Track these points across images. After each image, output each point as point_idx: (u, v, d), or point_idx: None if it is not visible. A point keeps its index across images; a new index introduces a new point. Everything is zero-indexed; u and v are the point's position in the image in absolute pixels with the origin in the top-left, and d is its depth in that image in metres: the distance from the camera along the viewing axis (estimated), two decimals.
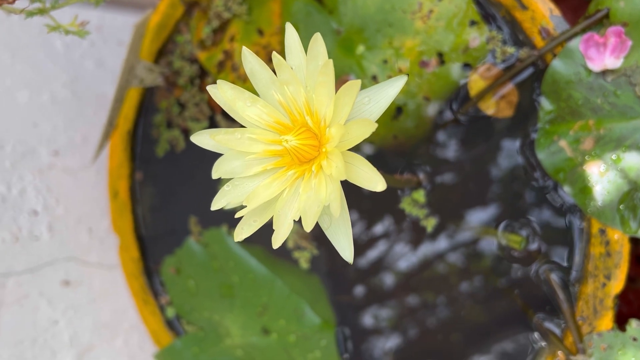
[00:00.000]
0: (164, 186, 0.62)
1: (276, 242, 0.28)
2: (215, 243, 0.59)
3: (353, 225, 0.52)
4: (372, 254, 0.53)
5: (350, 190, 0.53)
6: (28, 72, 0.61)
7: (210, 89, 0.30)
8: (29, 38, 0.62)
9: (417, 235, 0.50)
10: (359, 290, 0.54)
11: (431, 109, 0.49)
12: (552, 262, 0.46)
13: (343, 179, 0.26)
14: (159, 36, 0.59)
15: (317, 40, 0.27)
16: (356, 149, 0.51)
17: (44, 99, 0.62)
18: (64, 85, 0.64)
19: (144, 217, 0.64)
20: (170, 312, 0.62)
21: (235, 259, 0.58)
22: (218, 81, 0.29)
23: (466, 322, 0.50)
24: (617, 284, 0.43)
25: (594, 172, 0.42)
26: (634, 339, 0.42)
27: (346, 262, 0.54)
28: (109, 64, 0.70)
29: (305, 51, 0.28)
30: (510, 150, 0.47)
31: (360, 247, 0.53)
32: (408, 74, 0.27)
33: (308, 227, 0.27)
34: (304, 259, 0.55)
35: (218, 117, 0.58)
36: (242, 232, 0.29)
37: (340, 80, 0.51)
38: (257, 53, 0.55)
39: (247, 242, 0.58)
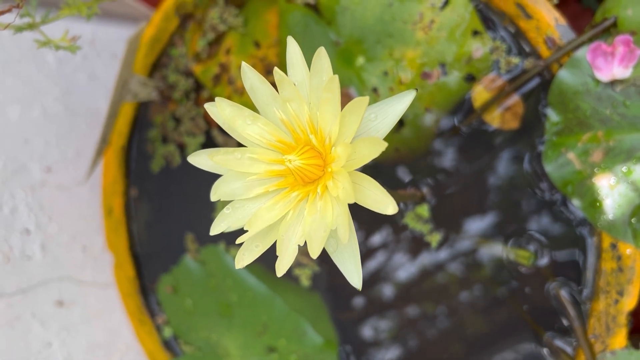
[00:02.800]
0: (160, 202, 0.61)
1: (280, 269, 0.26)
2: (213, 261, 0.58)
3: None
4: (376, 270, 0.51)
5: (355, 215, 0.51)
6: (19, 87, 0.60)
7: (208, 107, 0.28)
8: (20, 52, 0.60)
9: (422, 252, 0.49)
10: (363, 305, 0.52)
11: (434, 121, 0.48)
12: (562, 278, 0.44)
13: (352, 201, 0.25)
14: (153, 50, 0.57)
15: (321, 55, 0.25)
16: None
17: (35, 114, 0.61)
18: (57, 99, 0.62)
19: (139, 234, 0.62)
20: (167, 331, 0.60)
21: (234, 277, 0.57)
22: (216, 99, 0.27)
23: (475, 337, 0.48)
24: (630, 301, 0.41)
25: (603, 185, 0.41)
26: None
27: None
28: (103, 78, 0.68)
29: (307, 65, 0.27)
30: (516, 163, 0.46)
31: (363, 262, 0.51)
32: (417, 89, 0.26)
33: (314, 253, 0.25)
34: (304, 276, 0.53)
35: (214, 132, 0.56)
36: (243, 258, 0.27)
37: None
38: (253, 66, 0.54)
39: None
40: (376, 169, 0.50)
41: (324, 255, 0.53)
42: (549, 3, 0.43)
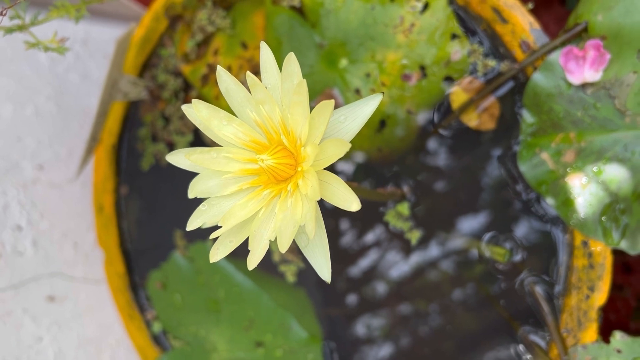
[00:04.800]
0: (150, 200, 0.62)
1: (251, 263, 0.27)
2: (201, 257, 0.59)
3: (339, 236, 0.52)
4: (357, 265, 0.52)
5: (339, 213, 0.53)
6: (12, 86, 0.61)
7: (185, 108, 0.30)
8: (12, 51, 0.61)
9: (402, 248, 0.50)
10: (344, 301, 0.53)
11: (414, 122, 0.49)
12: (536, 275, 0.46)
13: (318, 199, 0.26)
14: (143, 50, 0.59)
15: (291, 60, 0.27)
16: (344, 158, 0.51)
17: (28, 113, 0.62)
18: (49, 98, 0.64)
19: (130, 231, 0.63)
20: (157, 327, 0.62)
21: (221, 273, 0.58)
22: (193, 100, 0.29)
23: (452, 332, 0.49)
24: (601, 296, 0.43)
25: (575, 184, 0.43)
26: (618, 351, 0.42)
27: (332, 276, 0.53)
28: (95, 78, 0.69)
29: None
30: (492, 163, 0.47)
31: (345, 258, 0.53)
32: (383, 92, 0.27)
33: (283, 247, 0.26)
34: (290, 272, 0.55)
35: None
36: (217, 252, 0.29)
37: (324, 94, 0.51)
38: (241, 67, 0.55)
39: (233, 256, 0.57)
40: (359, 168, 0.51)
41: None
42: (524, 8, 0.44)
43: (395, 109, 0.49)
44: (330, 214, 0.53)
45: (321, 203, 0.28)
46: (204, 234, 0.59)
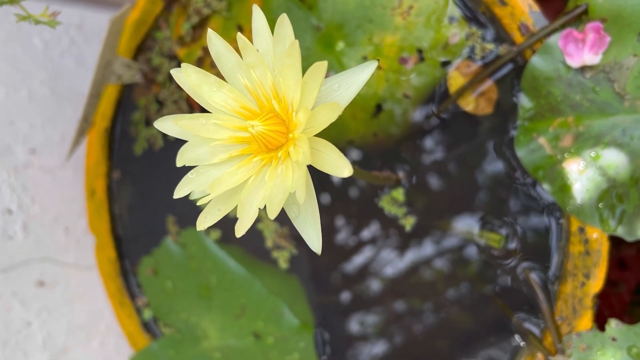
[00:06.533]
0: (142, 185, 0.61)
1: (239, 230, 0.27)
2: (193, 243, 0.58)
3: (334, 231, 0.51)
4: (351, 251, 0.52)
5: (335, 197, 0.52)
6: (5, 69, 0.60)
7: (174, 72, 0.29)
8: (6, 34, 0.61)
9: (396, 234, 0.50)
10: (337, 289, 0.53)
11: (411, 107, 0.48)
12: (532, 261, 0.45)
13: (308, 163, 0.25)
14: (137, 32, 0.58)
15: (284, 22, 0.26)
16: (338, 144, 0.51)
17: (21, 97, 0.61)
18: (43, 83, 0.63)
19: (121, 216, 0.62)
20: (147, 313, 0.61)
21: (213, 260, 0.57)
22: (182, 65, 0.28)
23: (448, 326, 0.49)
24: (597, 283, 0.42)
25: (573, 169, 0.42)
26: (613, 339, 0.41)
27: (325, 263, 0.53)
28: (90, 63, 0.69)
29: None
30: (489, 148, 0.46)
31: (338, 243, 0.52)
32: (379, 60, 0.27)
33: (272, 214, 0.26)
34: (283, 258, 0.54)
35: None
36: (205, 220, 0.28)
37: None
38: (236, 49, 0.54)
39: (225, 242, 0.57)
40: (355, 153, 0.51)
41: (302, 238, 0.53)
42: None
43: (391, 93, 0.49)
44: (324, 209, 0.52)
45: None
46: (196, 220, 0.58)
